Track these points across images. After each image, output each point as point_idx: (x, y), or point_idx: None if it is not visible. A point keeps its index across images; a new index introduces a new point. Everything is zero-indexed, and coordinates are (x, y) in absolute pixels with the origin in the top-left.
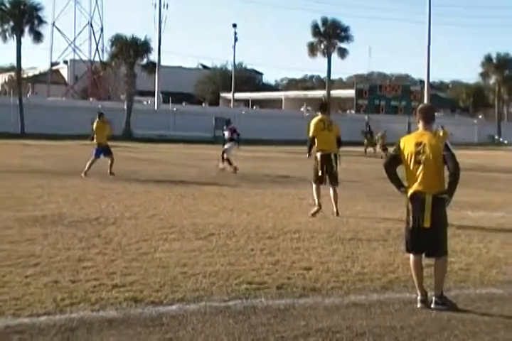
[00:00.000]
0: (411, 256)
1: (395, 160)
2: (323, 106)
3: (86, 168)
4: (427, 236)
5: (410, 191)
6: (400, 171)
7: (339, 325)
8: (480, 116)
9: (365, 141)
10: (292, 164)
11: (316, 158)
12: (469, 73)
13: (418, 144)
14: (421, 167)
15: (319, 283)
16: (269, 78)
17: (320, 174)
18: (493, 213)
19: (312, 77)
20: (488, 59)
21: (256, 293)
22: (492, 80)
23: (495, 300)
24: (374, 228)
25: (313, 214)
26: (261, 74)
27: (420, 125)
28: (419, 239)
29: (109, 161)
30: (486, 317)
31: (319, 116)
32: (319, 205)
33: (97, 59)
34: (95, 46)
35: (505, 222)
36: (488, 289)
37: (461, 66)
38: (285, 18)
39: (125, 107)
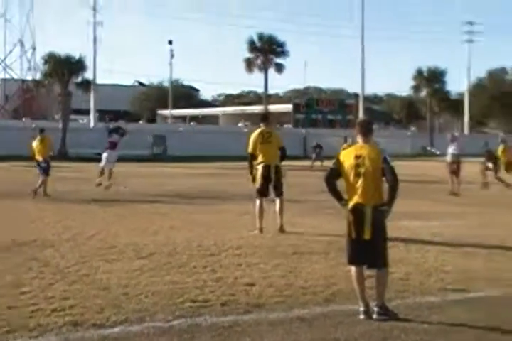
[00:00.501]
0: (352, 268)
1: (334, 174)
2: (265, 117)
3: (40, 188)
4: (368, 248)
5: (350, 203)
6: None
7: (283, 340)
8: (413, 128)
9: (314, 155)
10: (231, 179)
11: (257, 169)
12: (402, 86)
13: (357, 157)
14: (360, 179)
15: (263, 299)
16: (205, 94)
17: (260, 186)
18: (429, 223)
19: (249, 92)
20: (419, 72)
21: (200, 311)
22: (423, 93)
23: (433, 308)
24: (316, 241)
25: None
26: (197, 90)
27: (359, 138)
28: (360, 251)
29: (40, 181)
30: (425, 325)
31: (259, 129)
32: (260, 230)
33: (29, 77)
34: (27, 64)
35: (441, 232)
36: (427, 297)
37: (394, 79)
38: (221, 34)
39: (60, 126)
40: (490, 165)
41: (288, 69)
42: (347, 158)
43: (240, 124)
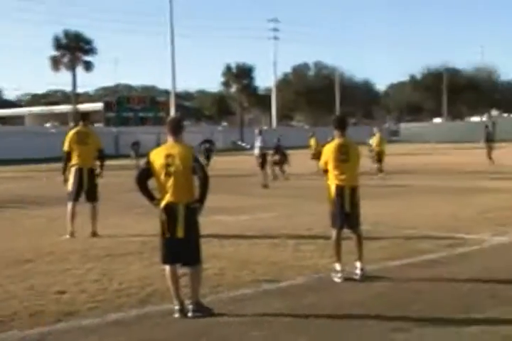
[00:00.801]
0: (167, 267)
1: (145, 174)
2: (84, 116)
3: None
4: (182, 247)
5: (163, 203)
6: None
7: None
8: (224, 124)
9: (133, 152)
10: (40, 182)
11: (70, 172)
12: (212, 83)
13: (168, 156)
14: (171, 178)
15: (75, 306)
16: (9, 94)
17: (72, 189)
18: (241, 217)
19: (57, 91)
20: (228, 69)
21: (9, 325)
22: (233, 89)
23: (246, 300)
24: (129, 242)
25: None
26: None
27: (169, 137)
28: (174, 250)
29: None
30: (240, 317)
31: (76, 128)
32: (71, 234)
33: None
34: None
35: (251, 225)
36: (240, 290)
37: (204, 76)
38: (25, 30)
39: None
40: (277, 158)
41: (97, 67)
42: (157, 157)
43: (47, 125)
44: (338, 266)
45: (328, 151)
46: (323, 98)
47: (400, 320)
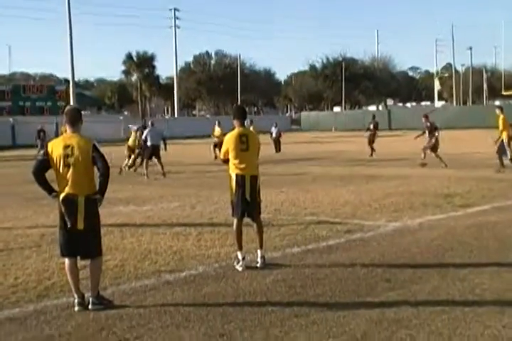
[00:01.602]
0: (66, 259)
1: (43, 165)
2: None
3: None
4: (81, 239)
5: (62, 194)
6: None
7: None
8: (126, 113)
9: (39, 141)
10: None
11: None
12: (113, 71)
13: (66, 147)
14: (71, 169)
15: None
16: None
17: None
18: (143, 207)
19: None
20: (129, 57)
21: None
22: (134, 78)
23: (147, 291)
24: (26, 235)
25: None
26: None
27: (68, 128)
28: (73, 242)
29: None
30: (141, 309)
31: None
32: None
33: None
34: None
35: (153, 215)
36: (142, 281)
37: (104, 64)
38: None
39: None
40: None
41: None
42: (56, 148)
43: None
44: (239, 255)
45: (229, 141)
46: (225, 87)
47: (299, 305)
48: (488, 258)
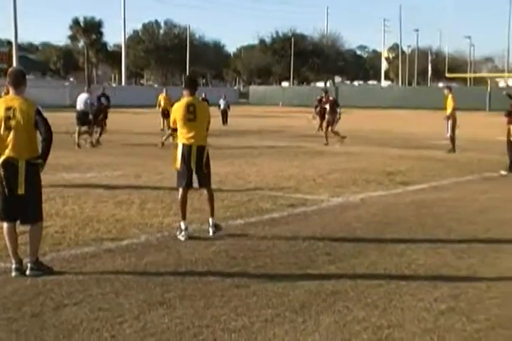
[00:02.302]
0: (4, 224)
1: None
2: None
3: None
4: (21, 203)
5: (2, 158)
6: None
7: None
8: (71, 79)
9: None
10: None
11: None
12: (59, 36)
13: (8, 109)
14: (12, 133)
15: None
16: None
17: None
18: (86, 174)
19: None
20: (76, 22)
21: None
22: (80, 43)
23: (88, 258)
24: None
25: None
26: None
27: (10, 90)
28: (13, 207)
29: None
30: (80, 276)
31: None
32: None
33: None
34: None
35: (97, 182)
36: (82, 248)
37: (50, 28)
38: None
39: None
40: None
41: None
42: None
43: None
44: (182, 224)
45: (176, 110)
46: (174, 57)
47: (240, 276)
48: (424, 235)
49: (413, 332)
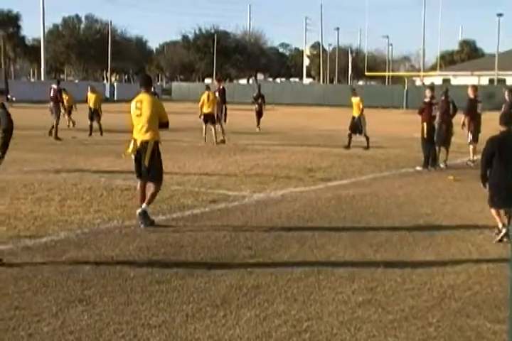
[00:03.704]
0: None
1: None
2: None
3: None
4: None
5: None
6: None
7: None
8: None
9: None
10: None
11: None
12: None
13: None
14: None
15: None
16: None
17: None
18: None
19: None
20: None
21: None
22: None
23: (5, 255)
24: None
25: None
26: None
27: None
28: None
29: None
30: None
31: None
32: None
33: None
34: None
35: (14, 179)
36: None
37: None
38: None
39: None
40: None
41: None
42: None
43: None
44: (142, 207)
45: (130, 106)
46: (95, 52)
47: (161, 272)
48: (344, 230)
49: (331, 324)
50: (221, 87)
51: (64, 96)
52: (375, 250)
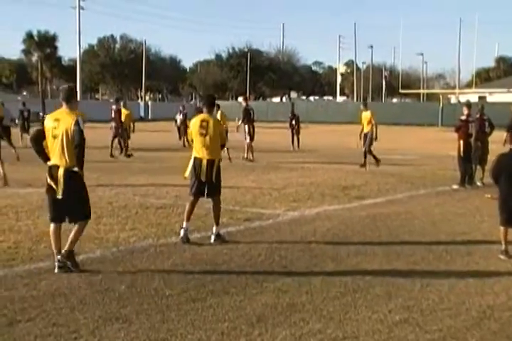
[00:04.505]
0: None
1: (42, 135)
2: None
3: None
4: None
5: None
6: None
7: None
8: (25, 93)
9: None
10: None
11: None
12: (12, 49)
13: (56, 120)
14: (56, 141)
15: None
16: None
17: None
18: (41, 189)
19: None
20: (29, 36)
21: None
22: (34, 57)
23: (43, 273)
24: None
25: None
26: None
27: (63, 104)
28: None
29: None
30: (34, 291)
31: None
32: None
33: None
34: None
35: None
36: (36, 264)
37: (2, 41)
38: None
39: None
40: None
41: None
42: (47, 120)
43: None
44: (184, 224)
45: (192, 125)
46: (130, 72)
47: (197, 290)
48: (379, 248)
49: None
50: (244, 106)
51: (123, 111)
52: (411, 268)
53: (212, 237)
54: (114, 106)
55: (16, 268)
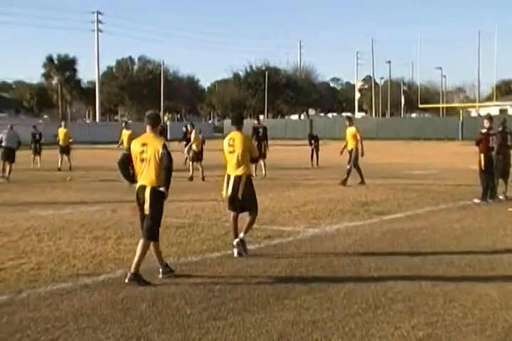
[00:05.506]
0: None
1: (128, 159)
2: None
3: None
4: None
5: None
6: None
7: None
8: (45, 116)
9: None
10: None
11: None
12: (32, 73)
13: (143, 145)
14: (144, 164)
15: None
16: None
17: None
18: (62, 211)
19: None
20: (49, 60)
21: None
22: (54, 81)
23: (65, 294)
24: None
25: None
26: None
27: (148, 128)
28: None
29: None
30: (57, 312)
31: None
32: None
33: None
34: None
35: (73, 218)
36: (59, 285)
37: (23, 66)
38: None
39: None
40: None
41: None
42: (134, 145)
43: None
44: (234, 242)
45: (224, 144)
46: (148, 93)
47: (218, 308)
48: (400, 263)
49: None
50: (252, 125)
51: (124, 132)
52: (433, 284)
53: (236, 240)
54: (189, 127)
55: (38, 290)
